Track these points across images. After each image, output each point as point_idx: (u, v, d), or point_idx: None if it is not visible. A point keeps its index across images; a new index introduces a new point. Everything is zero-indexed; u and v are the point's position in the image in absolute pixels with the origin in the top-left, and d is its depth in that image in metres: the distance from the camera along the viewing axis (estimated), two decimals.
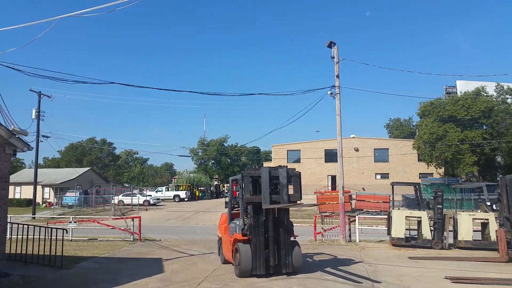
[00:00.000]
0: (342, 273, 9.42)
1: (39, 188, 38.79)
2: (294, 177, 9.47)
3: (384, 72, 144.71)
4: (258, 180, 9.11)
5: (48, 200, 43.05)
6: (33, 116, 29.36)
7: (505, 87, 38.40)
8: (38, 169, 32.75)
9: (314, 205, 9.86)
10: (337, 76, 15.99)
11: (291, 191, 9.30)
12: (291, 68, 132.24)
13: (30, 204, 34.03)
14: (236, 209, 10.60)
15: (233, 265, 9.63)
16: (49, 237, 10.72)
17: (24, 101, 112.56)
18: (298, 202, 9.41)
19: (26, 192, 42.43)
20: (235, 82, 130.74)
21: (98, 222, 17.27)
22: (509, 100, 38.21)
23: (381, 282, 8.37)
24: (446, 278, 8.80)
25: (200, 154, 73.98)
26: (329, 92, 16.02)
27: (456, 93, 45.93)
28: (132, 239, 15.65)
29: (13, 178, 48.04)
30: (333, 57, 15.96)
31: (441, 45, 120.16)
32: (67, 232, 12.40)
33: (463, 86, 44.58)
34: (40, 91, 29.63)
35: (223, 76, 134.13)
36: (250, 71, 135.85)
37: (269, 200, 8.88)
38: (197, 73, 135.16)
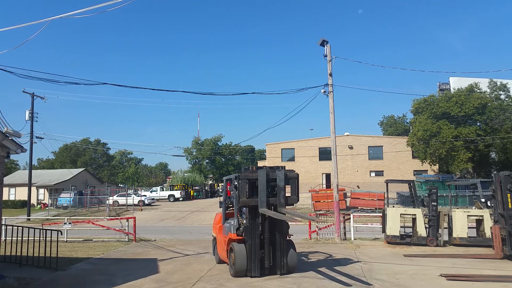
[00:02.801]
0: (337, 272, 9.44)
1: (33, 189, 38.54)
2: (292, 179, 9.36)
3: (377, 70, 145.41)
4: (254, 183, 9.00)
5: (43, 201, 42.78)
6: (27, 118, 29.16)
7: (498, 83, 38.62)
8: (33, 171, 32.52)
9: (311, 218, 9.59)
10: (330, 75, 16.01)
11: (288, 192, 9.24)
12: (284, 68, 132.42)
13: (25, 205, 33.84)
14: (231, 208, 10.58)
15: (228, 264, 9.62)
16: (44, 238, 10.64)
17: (17, 102, 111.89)
18: (295, 217, 9.10)
19: (20, 194, 42.20)
20: (228, 81, 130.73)
21: (93, 223, 17.17)
22: (502, 96, 38.43)
23: (372, 285, 8.38)
24: (441, 276, 8.84)
25: (194, 153, 73.85)
26: (322, 91, 16.04)
27: (450, 90, 46.16)
28: (127, 240, 15.59)
29: (7, 179, 47.75)
30: (326, 56, 15.96)
31: (434, 43, 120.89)
32: (61, 234, 12.33)
33: (456, 83, 44.79)
34: (33, 93, 29.47)
35: (217, 76, 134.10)
36: (243, 71, 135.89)
37: (265, 203, 8.82)
38: (190, 72, 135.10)
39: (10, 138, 9.12)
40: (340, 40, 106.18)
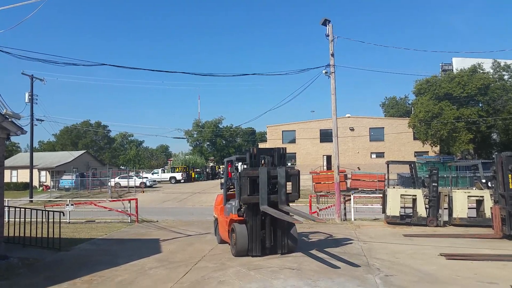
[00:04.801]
0: (337, 252, 9.53)
1: (35, 171, 38.76)
2: (293, 176, 9.38)
3: (380, 51, 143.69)
4: (256, 180, 8.99)
5: (45, 184, 43.05)
6: (26, 100, 29.09)
7: (502, 64, 38.11)
8: (34, 153, 32.61)
9: (313, 218, 9.40)
10: (332, 55, 15.81)
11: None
12: (285, 49, 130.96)
13: (27, 187, 34.02)
14: (232, 190, 10.63)
15: (229, 245, 9.72)
16: (47, 220, 10.72)
17: (16, 85, 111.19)
18: (296, 217, 9.12)
19: (22, 176, 42.42)
20: (229, 63, 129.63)
21: (95, 205, 17.29)
22: (506, 77, 37.96)
23: (372, 264, 8.47)
24: (440, 255, 8.92)
25: (195, 136, 73.84)
26: (324, 71, 15.87)
27: (452, 70, 45.66)
28: (129, 221, 15.73)
29: (9, 162, 47.95)
30: (328, 35, 15.73)
31: (437, 24, 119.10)
32: (64, 215, 12.41)
33: (459, 64, 44.27)
34: (32, 75, 29.32)
35: (217, 57, 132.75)
36: (244, 53, 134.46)
37: (266, 200, 8.86)
38: (190, 55, 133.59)
39: (9, 119, 9.09)
40: (342, 21, 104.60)
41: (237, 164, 10.31)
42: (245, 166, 10.16)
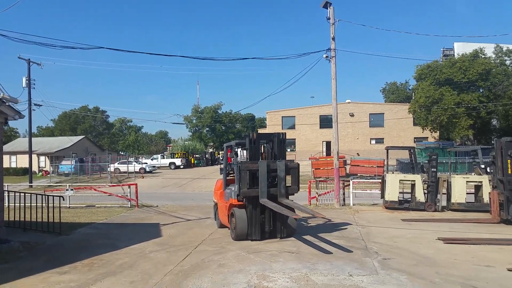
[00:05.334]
0: (335, 236, 9.60)
1: (34, 157, 38.78)
2: (293, 169, 9.37)
3: (381, 35, 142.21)
4: (255, 173, 8.98)
5: (44, 169, 43.10)
6: (24, 85, 28.88)
7: (504, 49, 37.76)
8: (33, 138, 32.57)
9: (312, 213, 9.14)
10: (333, 39, 15.65)
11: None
12: (286, 33, 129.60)
13: (26, 173, 34.09)
14: (231, 175, 10.64)
15: (229, 229, 9.79)
16: (47, 204, 10.76)
17: (13, 69, 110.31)
18: (296, 209, 8.90)
19: (21, 161, 42.47)
20: (228, 49, 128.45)
21: (95, 190, 17.35)
22: (507, 62, 37.64)
23: (370, 248, 8.54)
24: (438, 239, 8.99)
25: (194, 121, 73.66)
26: (324, 56, 15.72)
27: (454, 55, 45.29)
28: (129, 206, 15.79)
29: (7, 147, 47.91)
30: (329, 18, 15.53)
31: (440, 8, 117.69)
32: (64, 200, 12.45)
33: (461, 49, 43.83)
34: (29, 59, 29.02)
35: (216, 42, 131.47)
36: (243, 39, 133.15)
37: (266, 194, 8.87)
38: (189, 40, 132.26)
39: (7, 104, 9.04)
40: (343, 5, 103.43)
41: (236, 150, 10.30)
42: (244, 152, 10.17)
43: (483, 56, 36.36)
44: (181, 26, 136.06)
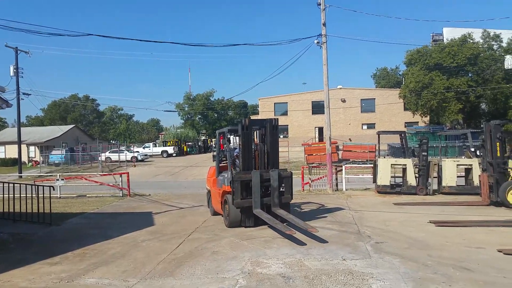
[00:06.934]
0: (328, 221, 9.64)
1: (24, 147, 38.26)
2: (286, 178, 9.30)
3: (371, 21, 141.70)
4: (248, 183, 8.90)
5: (34, 159, 42.62)
6: (11, 73, 28.43)
7: (492, 34, 37.97)
8: (22, 128, 32.11)
9: (305, 227, 8.58)
10: (324, 24, 15.51)
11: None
12: (276, 21, 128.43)
13: (15, 163, 33.63)
14: (224, 162, 10.58)
15: (222, 216, 9.77)
16: (37, 195, 10.62)
17: (1, 58, 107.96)
18: (289, 222, 8.55)
19: (10, 152, 41.85)
20: (219, 36, 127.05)
21: (86, 179, 17.19)
22: (495, 47, 37.91)
23: (363, 231, 8.58)
24: (430, 222, 9.07)
25: (186, 109, 73.14)
26: (315, 41, 15.60)
27: (443, 40, 45.33)
28: (121, 195, 15.69)
29: None
30: (319, 4, 15.38)
31: None
32: (54, 189, 12.31)
33: (450, 34, 43.87)
34: (16, 47, 28.55)
35: (207, 30, 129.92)
36: (234, 26, 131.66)
37: (259, 204, 8.82)
38: (180, 28, 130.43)
39: None
40: None
41: (229, 136, 10.21)
42: (237, 138, 10.07)
43: (471, 41, 36.50)
44: (172, 13, 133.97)
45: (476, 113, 40.33)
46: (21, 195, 11.05)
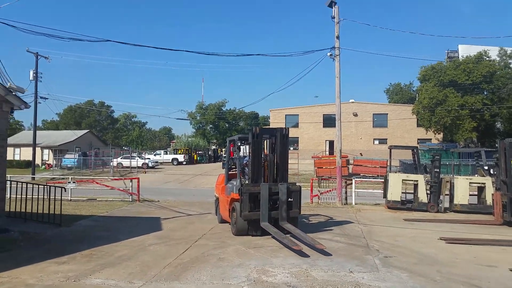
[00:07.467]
0: (337, 233, 9.55)
1: (38, 150, 38.82)
2: (294, 193, 9.25)
3: (385, 36, 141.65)
4: (257, 196, 8.88)
5: (48, 162, 43.24)
6: (31, 78, 29.00)
7: (509, 52, 37.56)
8: (37, 131, 32.64)
9: (312, 243, 8.09)
10: (337, 37, 15.58)
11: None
12: (290, 35, 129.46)
13: (29, 165, 34.14)
14: (233, 169, 10.60)
15: (230, 224, 9.75)
16: (48, 196, 10.75)
17: (21, 62, 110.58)
18: (296, 237, 8.45)
19: (25, 154, 42.57)
20: (233, 48, 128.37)
21: (97, 183, 17.38)
22: (511, 65, 37.47)
23: (372, 246, 8.47)
24: (440, 239, 8.92)
25: (198, 118, 73.66)
26: (328, 54, 15.67)
27: (458, 58, 45.06)
28: (130, 200, 15.79)
29: (12, 139, 48.02)
30: (334, 17, 15.48)
31: (444, 9, 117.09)
32: (65, 191, 12.45)
33: (466, 51, 43.60)
34: (37, 52, 29.16)
35: (220, 43, 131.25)
36: (248, 39, 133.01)
37: (267, 217, 8.78)
38: (193, 39, 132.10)
39: (13, 93, 9.05)
40: (348, 5, 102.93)
41: (239, 144, 10.26)
42: (247, 147, 10.10)
43: (487, 59, 36.16)
44: (185, 24, 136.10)
45: (491, 132, 39.76)
46: (33, 196, 11.22)
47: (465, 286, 5.68)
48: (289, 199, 9.15)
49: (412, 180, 14.13)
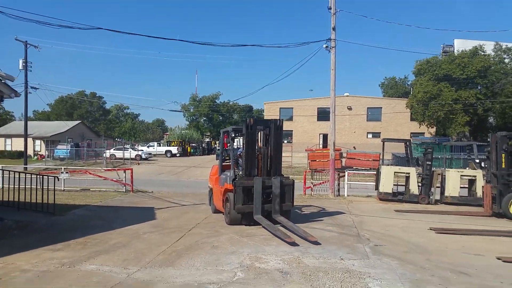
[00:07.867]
0: (329, 223, 9.67)
1: (30, 140, 38.58)
2: (287, 186, 9.32)
3: (382, 29, 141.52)
4: (250, 189, 8.93)
5: (40, 153, 42.96)
6: (20, 67, 28.66)
7: (504, 46, 37.78)
8: (29, 122, 32.33)
9: (304, 236, 8.17)
10: (333, 29, 15.59)
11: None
12: (285, 25, 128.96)
13: (21, 156, 33.89)
14: (227, 161, 10.66)
15: (223, 214, 9.83)
16: (41, 186, 10.73)
17: (10, 52, 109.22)
18: (289, 230, 8.47)
19: (17, 145, 42.22)
20: (228, 38, 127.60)
21: (90, 173, 17.34)
22: (506, 60, 37.68)
23: (362, 235, 8.60)
24: (430, 229, 9.08)
25: (191, 110, 73.46)
26: (324, 46, 15.68)
27: (454, 52, 45.25)
28: (124, 190, 15.78)
29: (3, 130, 47.71)
30: (330, 8, 15.45)
31: (440, 5, 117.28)
32: (58, 180, 12.43)
33: (461, 45, 43.78)
34: (26, 41, 28.77)
35: (215, 34, 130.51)
36: (242, 29, 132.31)
37: (260, 210, 8.85)
38: (188, 30, 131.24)
39: (3, 81, 8.96)
40: None
41: (233, 135, 10.30)
42: (241, 139, 10.14)
43: (482, 53, 36.36)
44: (180, 15, 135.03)
45: (483, 127, 40.14)
46: (26, 186, 11.20)
47: (453, 273, 5.82)
48: (282, 193, 9.22)
49: (404, 173, 14.28)
